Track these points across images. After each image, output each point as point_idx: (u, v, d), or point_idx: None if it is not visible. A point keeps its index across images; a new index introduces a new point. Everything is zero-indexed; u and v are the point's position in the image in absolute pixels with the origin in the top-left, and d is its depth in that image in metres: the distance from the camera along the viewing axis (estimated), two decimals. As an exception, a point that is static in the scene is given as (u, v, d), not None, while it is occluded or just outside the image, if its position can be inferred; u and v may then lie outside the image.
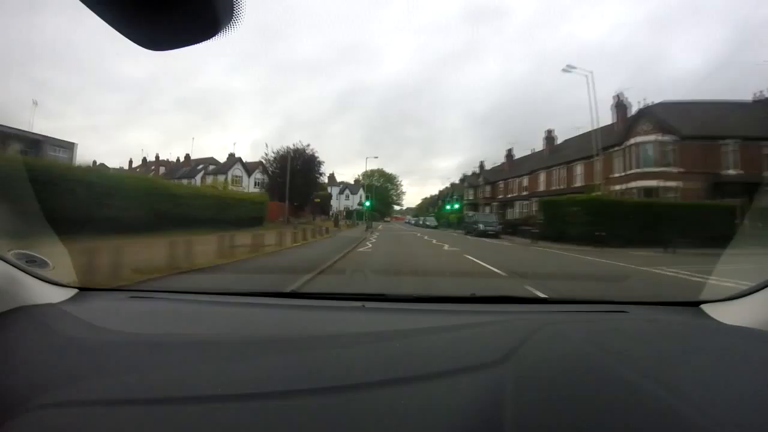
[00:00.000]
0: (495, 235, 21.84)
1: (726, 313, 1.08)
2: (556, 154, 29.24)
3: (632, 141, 20.51)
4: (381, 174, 74.66)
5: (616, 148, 21.22)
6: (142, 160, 41.38)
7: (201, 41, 0.56)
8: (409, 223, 52.40)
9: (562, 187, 25.88)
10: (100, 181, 10.26)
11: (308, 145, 30.96)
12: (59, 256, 1.49)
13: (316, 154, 31.23)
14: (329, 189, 54.74)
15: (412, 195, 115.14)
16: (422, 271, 6.54)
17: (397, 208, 77.65)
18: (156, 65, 75.77)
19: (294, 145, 31.28)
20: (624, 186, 20.51)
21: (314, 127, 79.87)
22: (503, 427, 0.51)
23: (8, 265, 0.95)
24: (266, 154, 31.73)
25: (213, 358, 0.76)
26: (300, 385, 0.64)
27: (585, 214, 15.56)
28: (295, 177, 27.82)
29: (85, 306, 1.09)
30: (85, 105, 57.93)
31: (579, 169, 25.29)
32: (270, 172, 30.72)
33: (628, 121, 21.89)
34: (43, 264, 1.13)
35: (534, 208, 27.74)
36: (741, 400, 0.57)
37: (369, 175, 72.14)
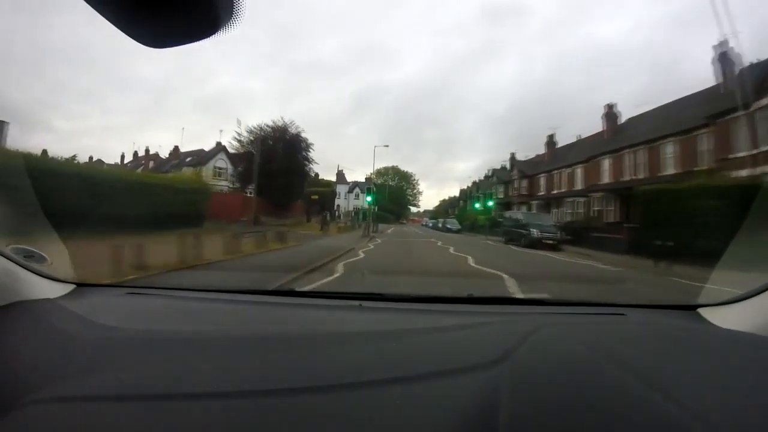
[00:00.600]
0: (554, 246, 15.68)
1: (723, 318, 1.12)
2: (623, 134, 23.21)
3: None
4: (396, 172, 70.91)
5: (734, 115, 14.62)
6: (134, 155, 40.77)
7: (200, 39, 0.60)
8: (426, 225, 48.94)
9: (641, 176, 19.97)
10: None
11: (292, 123, 25.66)
12: (57, 252, 1.60)
13: (303, 135, 25.61)
14: (336, 187, 50.33)
15: (429, 197, 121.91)
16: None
17: (413, 210, 76.02)
18: (172, 66, 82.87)
19: (273, 122, 25.40)
20: (756, 170, 13.62)
21: (330, 128, 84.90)
22: (498, 427, 0.56)
23: (6, 260, 1.02)
24: (238, 134, 25.75)
25: (210, 355, 0.83)
26: (296, 383, 0.69)
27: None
28: (271, 163, 21.68)
29: (83, 301, 1.18)
30: (103, 105, 62.86)
31: (669, 149, 19.08)
32: (244, 156, 24.57)
33: (746, 77, 14.87)
34: (40, 259, 1.22)
35: (595, 206, 22.61)
36: (737, 405, 0.63)
37: (383, 173, 68.17)
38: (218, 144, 33.21)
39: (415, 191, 72.84)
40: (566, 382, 0.69)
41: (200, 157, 32.91)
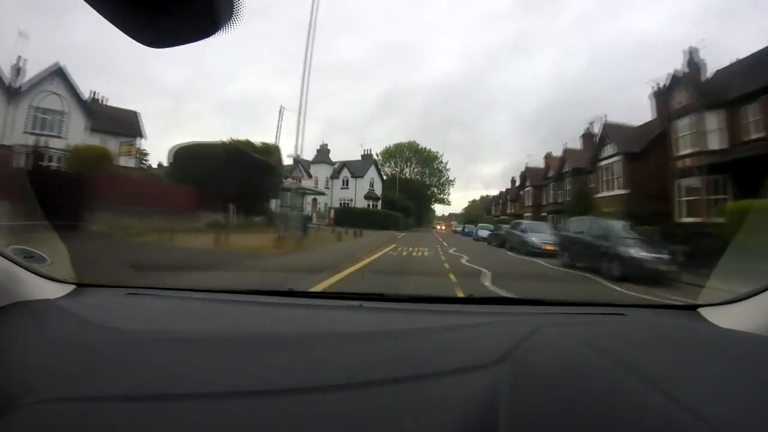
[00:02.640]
0: None
1: (724, 317, 1.13)
2: None
3: None
4: (413, 150, 45.47)
5: None
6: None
7: (201, 39, 0.62)
8: (468, 233, 28.03)
9: None
10: None
11: None
12: (57, 252, 1.57)
13: None
14: (311, 169, 31.64)
15: (455, 200, 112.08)
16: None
17: (439, 212, 53.73)
18: (193, 70, 79.84)
19: None
20: None
21: (356, 131, 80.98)
22: (498, 427, 0.56)
23: (6, 261, 1.03)
24: None
25: (210, 355, 0.83)
26: (297, 384, 0.70)
27: None
28: None
29: (82, 302, 1.18)
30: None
31: None
32: None
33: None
34: (40, 259, 1.23)
35: None
36: (738, 405, 0.63)
37: (392, 152, 44.38)
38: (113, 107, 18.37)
39: (443, 179, 46.86)
40: (566, 382, 0.70)
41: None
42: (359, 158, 36.25)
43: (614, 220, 10.27)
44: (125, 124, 18.73)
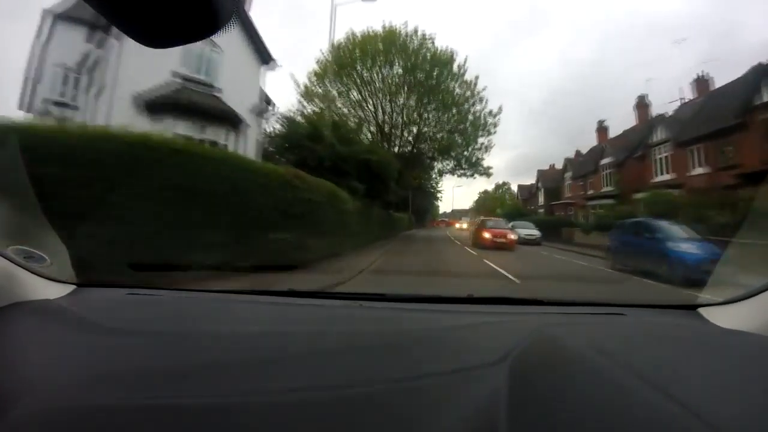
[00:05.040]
0: None
1: (724, 317, 1.13)
2: None
3: None
4: (393, 44, 20.60)
5: None
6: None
7: (200, 39, 0.62)
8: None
9: None
10: None
11: None
12: (57, 252, 1.57)
13: None
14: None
15: (458, 196, 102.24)
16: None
17: (450, 206, 38.11)
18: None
19: None
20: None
21: None
22: (498, 427, 0.57)
23: (6, 261, 1.03)
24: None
25: (210, 356, 0.83)
26: (297, 384, 0.70)
27: None
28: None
29: (83, 302, 1.18)
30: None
31: None
32: None
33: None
34: (40, 260, 1.23)
35: None
36: (737, 405, 0.63)
37: (342, 55, 20.50)
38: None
39: (475, 115, 22.17)
40: (566, 382, 0.70)
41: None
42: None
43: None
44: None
